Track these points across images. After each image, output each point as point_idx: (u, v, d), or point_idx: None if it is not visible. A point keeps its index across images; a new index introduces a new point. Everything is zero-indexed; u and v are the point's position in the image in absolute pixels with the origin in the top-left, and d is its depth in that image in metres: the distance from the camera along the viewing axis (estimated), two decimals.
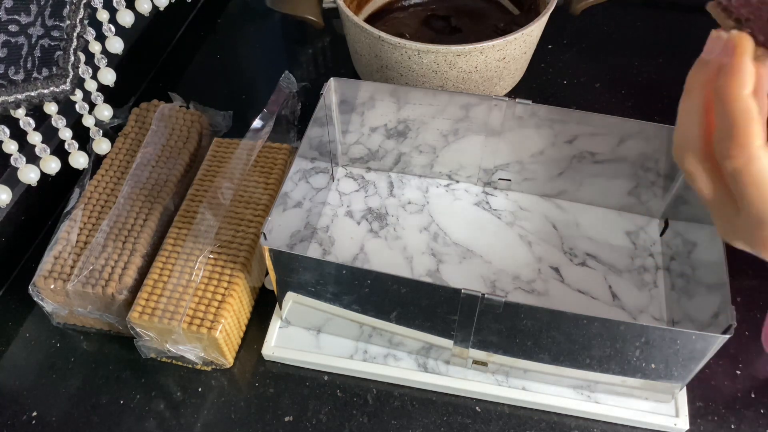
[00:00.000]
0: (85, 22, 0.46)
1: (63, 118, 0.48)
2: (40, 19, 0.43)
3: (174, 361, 0.54)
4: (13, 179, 0.54)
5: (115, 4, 0.50)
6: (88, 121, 0.51)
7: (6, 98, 0.43)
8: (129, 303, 0.52)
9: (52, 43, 0.44)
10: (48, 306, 0.54)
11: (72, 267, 0.53)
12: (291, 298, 0.52)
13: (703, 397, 0.51)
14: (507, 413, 0.51)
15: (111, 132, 0.65)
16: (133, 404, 0.52)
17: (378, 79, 0.68)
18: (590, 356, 0.46)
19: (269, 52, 0.81)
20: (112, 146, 0.61)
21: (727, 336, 0.41)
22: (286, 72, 0.69)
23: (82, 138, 0.53)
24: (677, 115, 0.35)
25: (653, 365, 0.46)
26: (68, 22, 0.45)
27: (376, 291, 0.47)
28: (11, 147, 0.46)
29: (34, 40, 0.43)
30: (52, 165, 0.48)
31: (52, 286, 0.52)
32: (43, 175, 0.48)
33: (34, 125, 0.46)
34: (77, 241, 0.55)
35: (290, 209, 0.54)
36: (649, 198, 0.59)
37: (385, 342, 0.53)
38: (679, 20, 0.81)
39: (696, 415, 0.50)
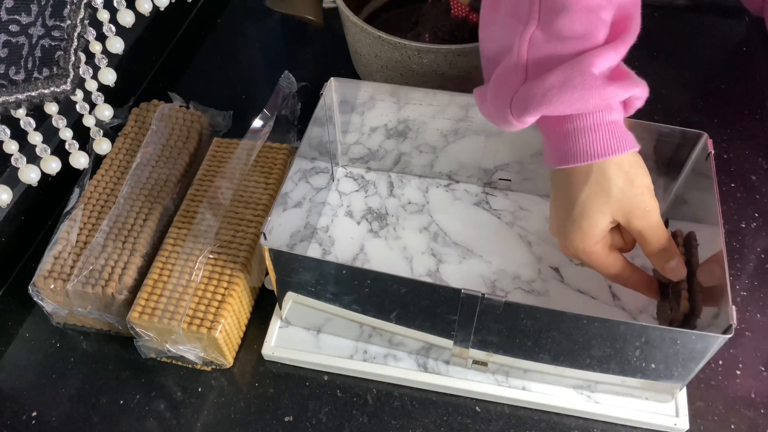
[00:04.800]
0: (86, 22, 0.46)
1: (63, 118, 0.48)
2: (40, 19, 0.43)
3: (174, 361, 0.54)
4: (13, 179, 0.54)
5: (115, 4, 0.50)
6: (88, 121, 0.51)
7: (7, 98, 0.43)
8: (129, 303, 0.52)
9: (53, 43, 0.44)
10: (48, 306, 0.54)
11: (72, 267, 0.53)
12: (291, 298, 0.52)
13: (703, 397, 0.51)
14: (507, 413, 0.51)
15: (111, 132, 0.65)
16: (133, 404, 0.52)
17: (378, 79, 0.68)
18: (590, 356, 0.46)
19: (269, 52, 0.81)
20: (112, 146, 0.61)
21: (727, 336, 0.41)
22: (286, 72, 0.69)
23: (83, 138, 0.53)
24: None
25: (653, 365, 0.46)
26: (69, 22, 0.45)
27: (376, 291, 0.47)
28: (12, 147, 0.45)
29: (34, 40, 0.43)
30: (52, 165, 0.48)
31: (52, 286, 0.52)
32: (44, 175, 0.48)
33: (34, 125, 0.46)
34: (77, 241, 0.55)
35: (290, 209, 0.54)
36: None
37: (385, 342, 0.53)
38: (679, 20, 0.81)
39: (696, 415, 0.50)
